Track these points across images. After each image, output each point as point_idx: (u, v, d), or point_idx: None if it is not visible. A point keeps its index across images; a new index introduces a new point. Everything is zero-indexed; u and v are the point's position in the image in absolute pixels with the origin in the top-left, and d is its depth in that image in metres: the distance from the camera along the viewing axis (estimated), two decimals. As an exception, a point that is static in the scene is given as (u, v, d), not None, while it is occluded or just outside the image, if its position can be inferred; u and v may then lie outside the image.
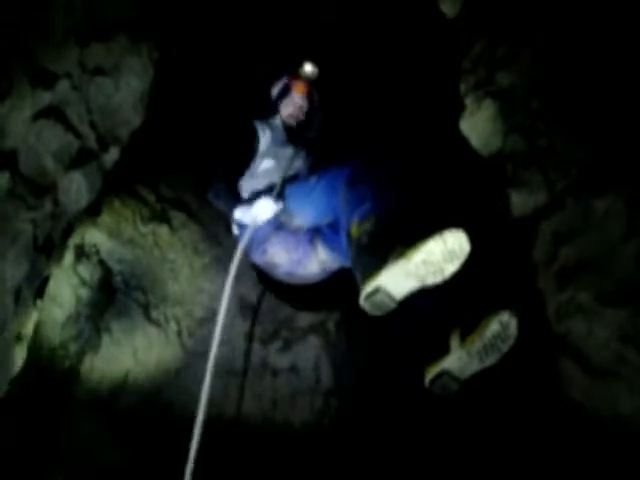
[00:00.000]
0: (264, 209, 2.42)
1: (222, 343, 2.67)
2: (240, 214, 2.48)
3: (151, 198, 2.89)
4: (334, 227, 2.38)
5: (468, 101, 2.03)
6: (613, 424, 1.50)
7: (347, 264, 2.23)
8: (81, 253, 2.63)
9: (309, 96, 2.97)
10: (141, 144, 2.59)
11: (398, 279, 1.77)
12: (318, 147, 2.90)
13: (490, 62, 2.00)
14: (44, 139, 1.76)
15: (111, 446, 2.44)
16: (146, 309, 2.71)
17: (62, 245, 2.34)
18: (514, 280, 2.24)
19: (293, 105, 2.93)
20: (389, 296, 1.81)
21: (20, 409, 2.32)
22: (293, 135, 2.88)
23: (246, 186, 2.66)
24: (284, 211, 2.47)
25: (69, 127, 1.84)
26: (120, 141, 2.15)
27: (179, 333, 2.72)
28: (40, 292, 2.27)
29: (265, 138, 2.78)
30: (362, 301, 1.86)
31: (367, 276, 1.84)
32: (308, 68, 3.02)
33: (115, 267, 2.70)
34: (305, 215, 2.49)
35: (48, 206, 1.82)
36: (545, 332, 1.70)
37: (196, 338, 2.75)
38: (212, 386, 2.55)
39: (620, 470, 1.56)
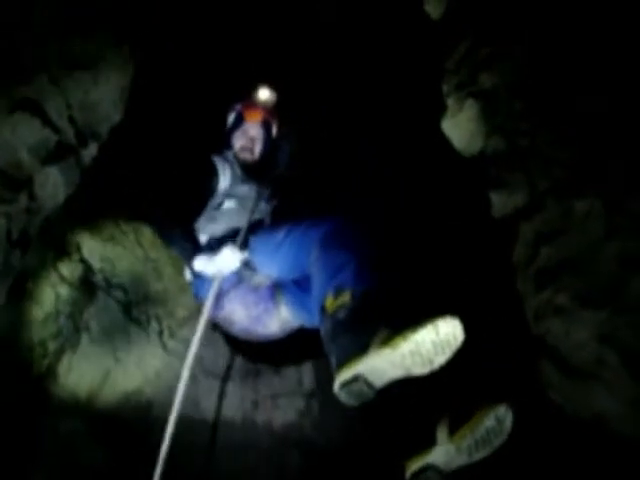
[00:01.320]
0: (229, 259, 2.15)
1: (204, 344, 2.67)
2: (201, 265, 2.17)
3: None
4: (300, 284, 2.19)
5: (450, 102, 2.02)
6: (592, 425, 1.49)
7: (310, 324, 2.11)
8: (61, 250, 2.60)
9: (265, 125, 2.65)
10: (123, 142, 2.57)
11: (380, 368, 1.56)
12: (283, 187, 2.58)
13: (473, 63, 2.01)
14: (20, 133, 1.74)
15: (91, 446, 2.41)
16: (127, 308, 2.68)
17: (41, 241, 2.31)
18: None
19: (245, 136, 2.61)
20: (369, 385, 1.59)
21: (-3, 409, 2.29)
22: (251, 172, 2.56)
23: (205, 229, 2.38)
24: (246, 265, 2.22)
25: (46, 121, 1.82)
26: (99, 137, 2.13)
27: (160, 333, 2.70)
28: (15, 288, 2.24)
29: (225, 176, 2.48)
30: (337, 389, 1.62)
31: (344, 362, 1.61)
32: (263, 93, 2.68)
33: (96, 265, 2.68)
34: (269, 271, 2.24)
35: (23, 200, 1.80)
36: (524, 333, 1.70)
37: (177, 338, 2.73)
38: (193, 387, 2.56)
39: (600, 471, 1.56)
